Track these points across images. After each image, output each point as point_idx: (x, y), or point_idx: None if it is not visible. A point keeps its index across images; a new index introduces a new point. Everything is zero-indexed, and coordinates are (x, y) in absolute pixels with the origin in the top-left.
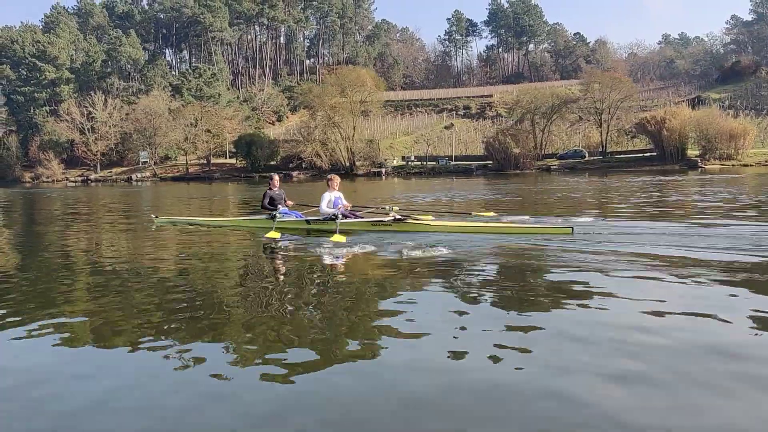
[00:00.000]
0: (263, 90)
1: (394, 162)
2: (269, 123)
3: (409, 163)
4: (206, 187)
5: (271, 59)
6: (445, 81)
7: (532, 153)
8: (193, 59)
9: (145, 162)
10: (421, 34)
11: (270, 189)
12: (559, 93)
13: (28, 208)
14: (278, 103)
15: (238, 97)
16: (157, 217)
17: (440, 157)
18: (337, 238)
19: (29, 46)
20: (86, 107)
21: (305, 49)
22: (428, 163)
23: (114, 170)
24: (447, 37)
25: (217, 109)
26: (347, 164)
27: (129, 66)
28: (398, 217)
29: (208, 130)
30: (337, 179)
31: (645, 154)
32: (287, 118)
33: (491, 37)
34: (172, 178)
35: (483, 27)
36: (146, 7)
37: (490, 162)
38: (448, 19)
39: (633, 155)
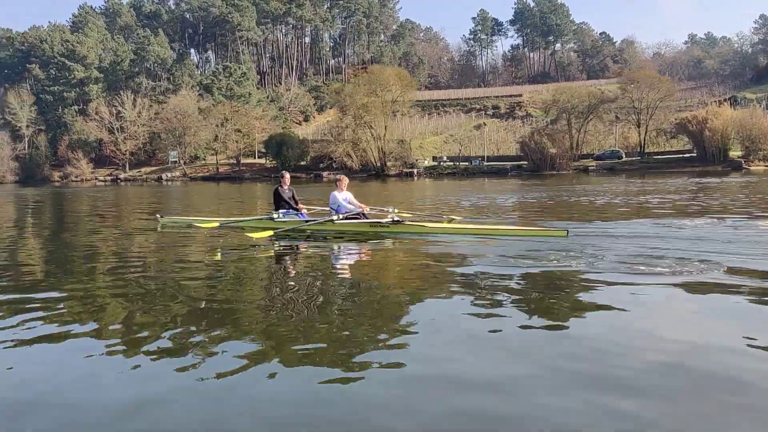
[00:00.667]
0: (290, 90)
1: (426, 162)
2: (296, 123)
3: (441, 163)
4: (236, 187)
5: (296, 59)
6: (469, 81)
7: (568, 153)
8: (219, 59)
9: (174, 161)
10: (445, 34)
11: (281, 187)
12: (596, 92)
13: (59, 207)
14: (305, 103)
15: (268, 96)
16: (162, 216)
17: (473, 157)
18: (260, 234)
19: (58, 46)
20: (115, 107)
21: (330, 48)
22: (461, 163)
23: (143, 170)
24: (472, 36)
25: (248, 109)
26: (378, 164)
27: (157, 66)
28: (396, 218)
29: (238, 130)
30: (345, 180)
31: (684, 155)
32: (314, 118)
33: (517, 37)
34: (202, 177)
35: (508, 26)
36: (173, 7)
37: (525, 162)
38: (473, 18)
39: (672, 156)
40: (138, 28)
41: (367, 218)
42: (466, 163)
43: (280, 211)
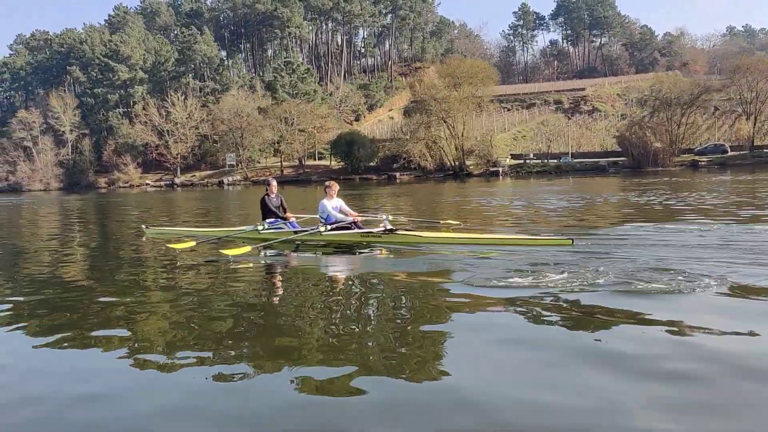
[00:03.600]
0: (339, 88)
1: (507, 160)
2: (347, 123)
3: (527, 161)
4: (302, 191)
5: (337, 57)
6: (512, 77)
7: (670, 148)
8: (265, 56)
9: (232, 165)
10: (483, 30)
11: (267, 195)
12: (699, 82)
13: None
14: (356, 102)
15: (331, 94)
16: (147, 227)
17: (561, 154)
18: (239, 251)
19: (99, 47)
20: (165, 108)
21: (375, 44)
22: (550, 161)
23: (197, 174)
24: (512, 31)
25: (312, 107)
26: (455, 164)
27: (204, 65)
28: (389, 227)
29: (302, 130)
30: (335, 186)
31: None
32: (364, 117)
33: (561, 30)
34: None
35: (548, 21)
36: (212, 5)
37: (621, 158)
38: (515, 12)
39: None
40: (177, 27)
41: (359, 228)
42: (555, 161)
43: (267, 221)
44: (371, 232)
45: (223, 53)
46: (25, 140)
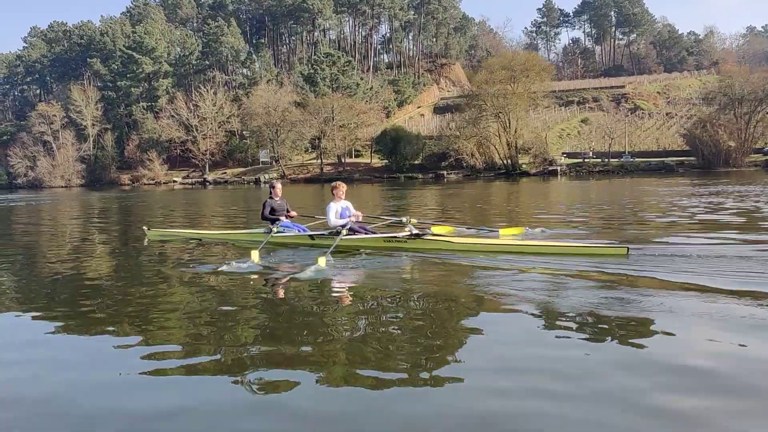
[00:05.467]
0: (369, 83)
1: (563, 159)
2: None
3: (586, 159)
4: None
5: (362, 52)
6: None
7: (742, 147)
8: (285, 51)
9: (265, 162)
10: (506, 28)
11: (271, 198)
12: None
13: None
14: (386, 98)
15: (371, 88)
16: (149, 229)
17: (623, 152)
18: (321, 262)
19: (121, 39)
20: (194, 102)
21: (402, 39)
22: (611, 160)
23: (229, 171)
24: (535, 29)
25: (354, 101)
26: (507, 162)
27: (230, 58)
28: (415, 231)
29: (343, 126)
30: (343, 186)
31: None
32: (394, 113)
33: (589, 27)
34: (304, 180)
35: (573, 18)
36: None
37: (689, 158)
38: (539, 9)
39: None
40: (200, 19)
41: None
42: (616, 160)
43: (281, 223)
44: (395, 237)
45: (254, 45)
46: (45, 135)
